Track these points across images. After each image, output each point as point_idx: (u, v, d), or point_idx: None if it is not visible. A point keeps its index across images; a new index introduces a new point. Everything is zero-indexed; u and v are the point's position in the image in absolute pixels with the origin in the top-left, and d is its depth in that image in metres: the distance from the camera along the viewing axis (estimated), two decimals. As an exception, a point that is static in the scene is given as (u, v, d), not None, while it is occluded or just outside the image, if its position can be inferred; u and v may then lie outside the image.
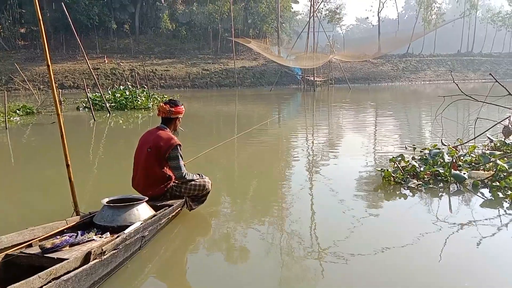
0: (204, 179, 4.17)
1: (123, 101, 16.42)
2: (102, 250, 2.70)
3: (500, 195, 4.66)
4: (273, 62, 35.31)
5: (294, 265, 3.22)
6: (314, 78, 29.57)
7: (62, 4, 15.50)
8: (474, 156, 5.90)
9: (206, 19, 40.70)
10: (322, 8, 42.20)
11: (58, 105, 3.89)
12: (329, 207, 4.56)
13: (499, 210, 4.34)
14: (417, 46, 43.16)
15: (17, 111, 14.22)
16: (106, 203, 3.46)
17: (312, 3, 29.74)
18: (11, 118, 13.08)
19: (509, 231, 3.80)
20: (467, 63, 43.42)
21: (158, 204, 3.80)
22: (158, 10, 42.77)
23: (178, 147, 3.89)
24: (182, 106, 4.09)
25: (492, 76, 6.32)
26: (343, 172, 6.20)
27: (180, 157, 3.91)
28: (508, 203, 4.45)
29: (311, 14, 29.01)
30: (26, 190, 5.63)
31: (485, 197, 4.73)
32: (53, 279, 2.33)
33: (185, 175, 3.93)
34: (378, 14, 45.20)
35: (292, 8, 50.16)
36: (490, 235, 3.68)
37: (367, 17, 70.68)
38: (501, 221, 4.09)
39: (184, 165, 3.98)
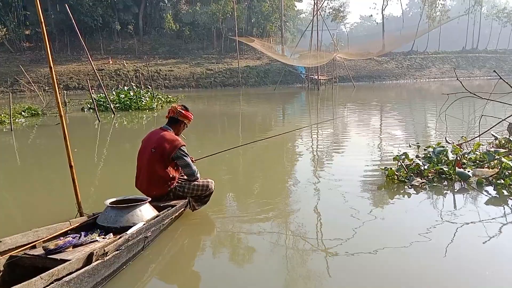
0: (208, 179, 4.19)
1: (128, 102, 16.50)
2: (104, 251, 2.71)
3: (505, 192, 4.64)
4: (277, 61, 35.25)
5: (299, 264, 3.21)
6: (318, 77, 29.51)
7: (66, 5, 15.56)
8: (479, 153, 5.86)
9: (209, 19, 40.72)
10: (325, 6, 42.15)
11: (62, 106, 3.91)
12: (333, 206, 4.55)
13: (504, 208, 4.32)
14: (422, 44, 42.90)
15: (22, 113, 14.31)
16: (110, 204, 3.47)
17: (316, 1, 29.60)
18: (17, 120, 13.17)
19: (514, 229, 3.78)
20: (472, 60, 43.08)
21: (161, 205, 3.81)
22: (162, 11, 42.89)
23: (183, 148, 3.93)
24: (192, 115, 4.16)
25: (497, 73, 6.26)
26: (347, 170, 6.17)
27: (186, 155, 3.96)
28: (513, 201, 4.42)
29: (315, 13, 28.88)
30: (31, 191, 5.66)
31: (490, 195, 4.70)
32: (55, 280, 2.34)
33: (195, 172, 4.00)
34: (382, 12, 45.06)
35: (296, 6, 50.10)
36: (496, 233, 3.66)
37: (371, 15, 70.67)
38: (506, 219, 4.06)
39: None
